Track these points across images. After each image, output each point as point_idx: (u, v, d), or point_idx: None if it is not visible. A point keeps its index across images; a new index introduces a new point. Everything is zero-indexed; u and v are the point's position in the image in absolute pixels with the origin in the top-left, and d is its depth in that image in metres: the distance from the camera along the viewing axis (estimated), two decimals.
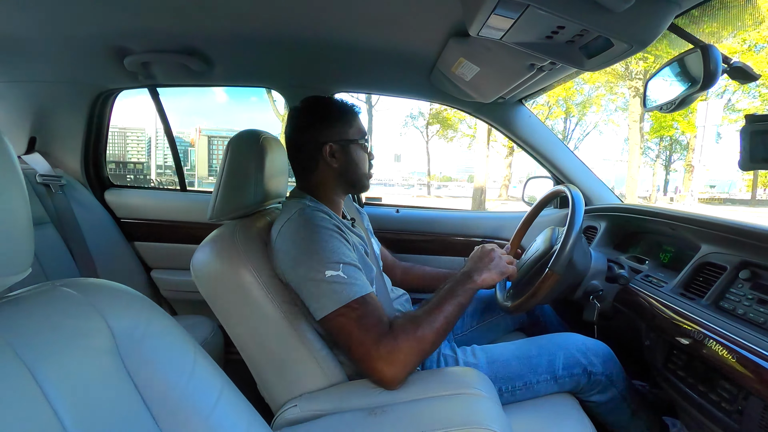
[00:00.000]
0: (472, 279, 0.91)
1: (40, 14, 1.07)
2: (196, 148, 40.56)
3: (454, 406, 0.74)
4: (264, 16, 1.06)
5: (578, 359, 0.97)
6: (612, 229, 1.37)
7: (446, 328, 0.84)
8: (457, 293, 0.88)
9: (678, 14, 0.71)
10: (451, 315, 0.85)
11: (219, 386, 0.53)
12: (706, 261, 0.94)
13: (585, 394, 0.99)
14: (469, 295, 0.89)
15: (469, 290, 0.90)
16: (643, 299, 0.99)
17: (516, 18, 0.71)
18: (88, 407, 0.41)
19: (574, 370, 0.97)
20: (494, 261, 0.95)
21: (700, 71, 0.72)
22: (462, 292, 0.88)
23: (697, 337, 0.80)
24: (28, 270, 0.42)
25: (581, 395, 1.00)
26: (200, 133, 44.48)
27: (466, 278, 0.91)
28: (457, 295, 0.87)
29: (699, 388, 0.80)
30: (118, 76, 1.46)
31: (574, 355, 0.98)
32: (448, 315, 0.84)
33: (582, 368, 0.97)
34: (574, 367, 0.97)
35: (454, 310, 0.86)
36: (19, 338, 0.39)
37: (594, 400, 0.99)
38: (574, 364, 0.97)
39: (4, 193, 0.39)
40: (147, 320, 0.49)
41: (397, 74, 1.45)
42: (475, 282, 0.91)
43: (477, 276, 0.92)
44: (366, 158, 1.04)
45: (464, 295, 0.88)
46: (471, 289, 0.90)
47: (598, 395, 0.99)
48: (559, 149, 1.61)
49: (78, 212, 1.51)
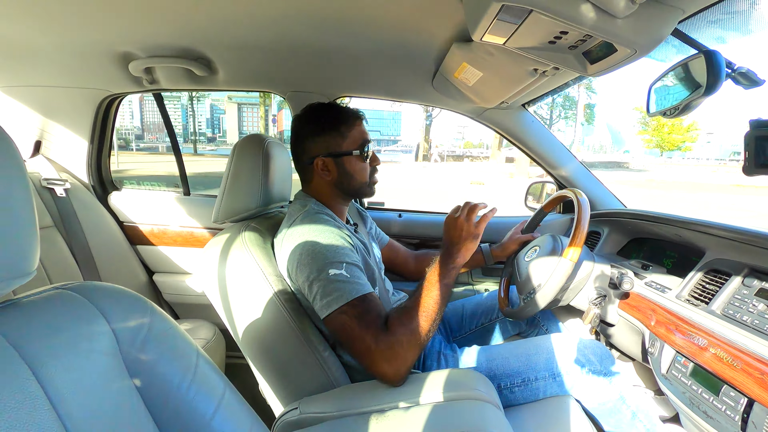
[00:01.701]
0: (453, 257, 0.91)
1: (46, 20, 1.08)
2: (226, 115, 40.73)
3: (456, 411, 0.73)
4: (266, 22, 1.07)
5: (576, 357, 0.98)
6: (615, 234, 1.37)
7: (438, 314, 0.84)
8: (441, 276, 0.88)
9: (681, 19, 0.71)
10: (441, 298, 0.85)
11: (221, 390, 0.53)
12: (711, 267, 0.94)
13: (585, 395, 0.99)
14: (453, 275, 0.90)
15: (452, 269, 0.90)
16: (646, 305, 0.98)
17: (519, 23, 0.71)
18: (90, 410, 0.41)
19: (573, 368, 0.97)
20: (464, 230, 0.94)
21: (704, 76, 0.72)
22: (445, 273, 0.89)
23: (701, 344, 0.79)
24: (33, 273, 0.43)
25: (581, 396, 0.99)
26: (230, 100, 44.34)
27: (446, 258, 0.91)
28: (442, 278, 0.88)
29: (703, 395, 0.79)
30: (123, 81, 1.47)
31: (572, 353, 0.98)
32: (437, 299, 0.85)
33: (580, 366, 0.97)
34: (572, 364, 0.97)
35: (443, 292, 0.86)
36: (23, 340, 0.39)
37: (594, 400, 0.99)
38: (572, 361, 0.97)
39: (10, 196, 0.39)
40: (149, 323, 0.49)
41: (400, 79, 1.46)
42: (455, 260, 0.91)
43: (455, 253, 0.92)
44: (364, 168, 1.02)
45: (448, 275, 0.89)
46: (453, 268, 0.90)
47: (597, 395, 0.98)
48: (562, 154, 1.61)
49: (81, 216, 1.52)
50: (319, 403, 0.80)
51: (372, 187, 1.05)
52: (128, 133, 51.61)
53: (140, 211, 1.73)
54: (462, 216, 0.96)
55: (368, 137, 1.02)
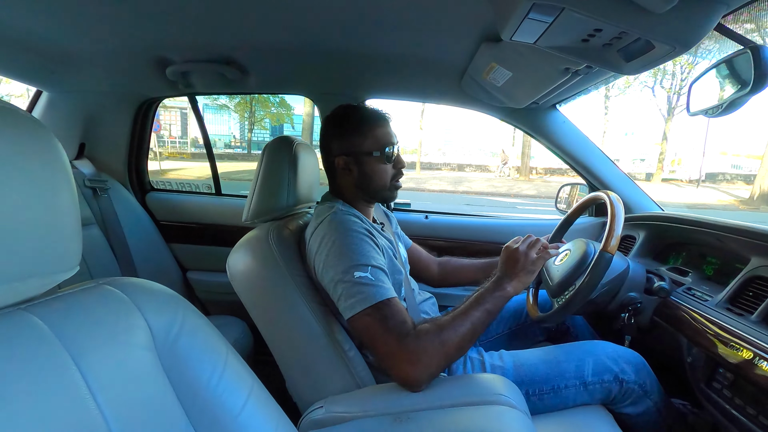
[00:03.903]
0: (503, 287, 0.89)
1: (91, 28, 1.14)
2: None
3: (481, 416, 0.72)
4: (297, 26, 1.09)
5: (608, 366, 0.94)
6: (651, 238, 1.31)
7: (473, 334, 0.82)
8: (486, 300, 0.86)
9: (725, 14, 0.67)
10: (479, 321, 0.83)
11: (249, 386, 0.54)
12: (756, 274, 0.88)
13: (617, 405, 0.95)
14: (499, 303, 0.87)
15: (499, 298, 0.88)
16: (685, 313, 0.94)
17: (551, 22, 0.69)
18: (126, 400, 0.43)
19: (605, 376, 0.93)
20: (520, 262, 0.92)
21: (750, 73, 0.68)
22: (491, 300, 0.87)
23: (746, 356, 0.75)
24: (76, 268, 0.45)
25: (614, 406, 0.96)
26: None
27: (497, 285, 0.89)
28: (485, 302, 0.86)
29: (747, 410, 0.75)
30: (160, 85, 1.54)
31: (603, 361, 0.95)
32: (474, 321, 0.83)
33: (613, 375, 0.93)
34: (604, 373, 0.93)
35: (482, 316, 0.84)
36: (66, 332, 0.41)
37: (627, 411, 0.95)
38: (604, 370, 0.94)
39: (57, 195, 0.41)
40: (182, 319, 0.51)
41: (428, 80, 1.45)
42: (505, 290, 0.89)
43: (507, 284, 0.90)
44: (385, 170, 1.00)
45: (493, 303, 0.86)
46: (501, 297, 0.88)
47: (631, 407, 0.95)
48: (595, 155, 1.56)
49: (121, 214, 1.59)
50: (343, 403, 0.81)
51: (393, 192, 1.03)
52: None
53: (175, 211, 1.80)
54: (521, 248, 0.94)
55: (392, 139, 1.01)
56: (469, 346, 0.84)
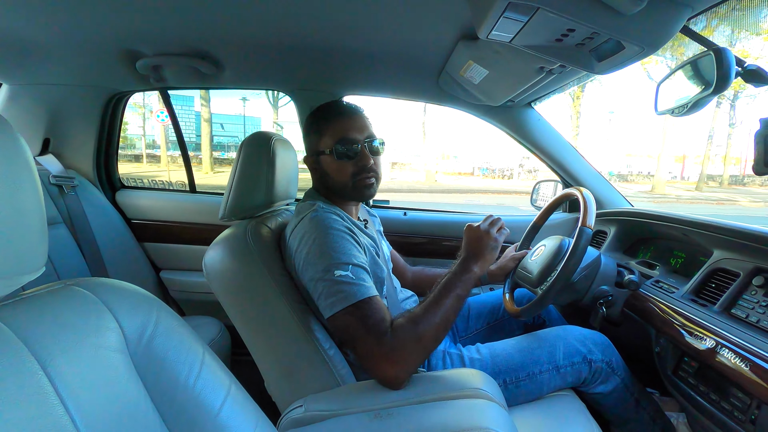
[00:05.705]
0: (469, 268, 0.91)
1: (54, 18, 1.09)
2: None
3: (459, 410, 0.73)
4: (272, 20, 1.07)
5: (577, 348, 0.99)
6: (622, 233, 1.36)
7: (446, 322, 0.84)
8: (455, 285, 0.87)
9: (690, 17, 0.70)
10: (451, 309, 0.85)
11: (226, 386, 0.53)
12: (719, 267, 0.93)
13: (589, 387, 1.00)
14: (468, 286, 0.89)
15: (468, 280, 0.89)
16: (653, 305, 0.98)
17: (526, 21, 0.70)
18: (98, 404, 0.41)
19: (575, 358, 0.98)
20: (483, 240, 0.95)
21: (713, 74, 0.71)
22: (460, 284, 0.88)
23: (708, 345, 0.78)
24: (42, 269, 0.43)
25: (585, 388, 1.01)
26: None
27: (463, 267, 0.91)
28: (455, 288, 0.87)
29: (710, 396, 0.78)
30: (130, 79, 1.48)
31: (573, 344, 0.99)
32: (447, 309, 0.84)
33: (582, 356, 0.98)
34: (574, 355, 0.98)
35: (454, 303, 0.85)
36: (32, 335, 0.39)
37: (598, 391, 1.00)
38: (574, 352, 0.98)
39: (20, 193, 0.39)
40: (156, 319, 0.49)
41: (406, 77, 1.46)
42: (472, 271, 0.91)
43: (474, 264, 0.92)
44: (342, 167, 0.96)
45: (462, 287, 0.88)
46: (469, 279, 0.90)
47: (601, 386, 1.00)
48: (568, 153, 1.60)
49: (89, 213, 1.53)
50: (324, 401, 0.81)
51: (362, 190, 0.97)
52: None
53: (147, 208, 1.75)
54: (483, 226, 0.96)
55: (353, 134, 0.95)
56: (444, 335, 0.85)
